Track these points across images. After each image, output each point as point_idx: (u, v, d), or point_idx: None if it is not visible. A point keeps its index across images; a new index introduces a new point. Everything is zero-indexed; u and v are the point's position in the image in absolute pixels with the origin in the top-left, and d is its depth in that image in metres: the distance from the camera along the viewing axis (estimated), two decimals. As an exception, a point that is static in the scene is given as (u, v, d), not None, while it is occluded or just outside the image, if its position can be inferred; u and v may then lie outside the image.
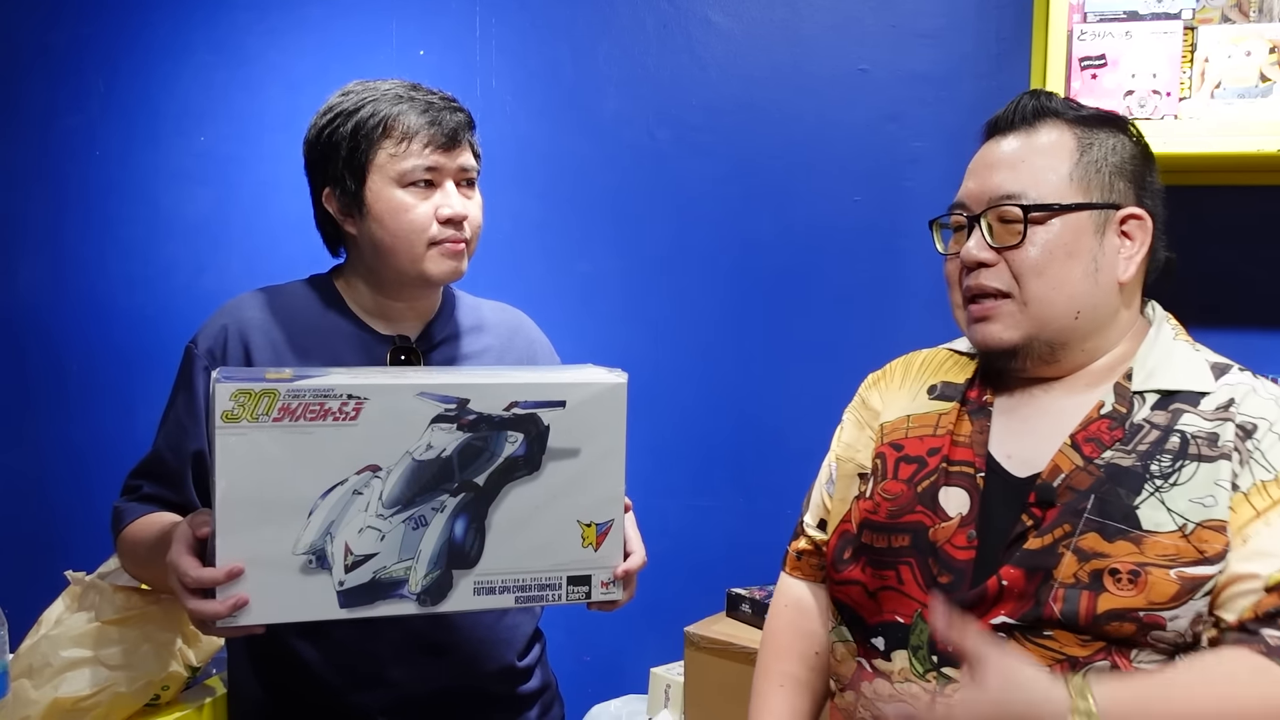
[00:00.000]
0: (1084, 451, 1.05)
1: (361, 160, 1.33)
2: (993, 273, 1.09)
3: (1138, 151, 1.14)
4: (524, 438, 1.09)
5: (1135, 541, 1.00)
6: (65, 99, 2.40)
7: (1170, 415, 1.05)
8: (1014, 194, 1.08)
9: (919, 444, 1.16)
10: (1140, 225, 1.10)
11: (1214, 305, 1.87)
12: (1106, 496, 1.02)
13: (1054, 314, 1.08)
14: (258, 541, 1.02)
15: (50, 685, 1.42)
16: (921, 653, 1.07)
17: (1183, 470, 1.01)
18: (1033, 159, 1.10)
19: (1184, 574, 0.98)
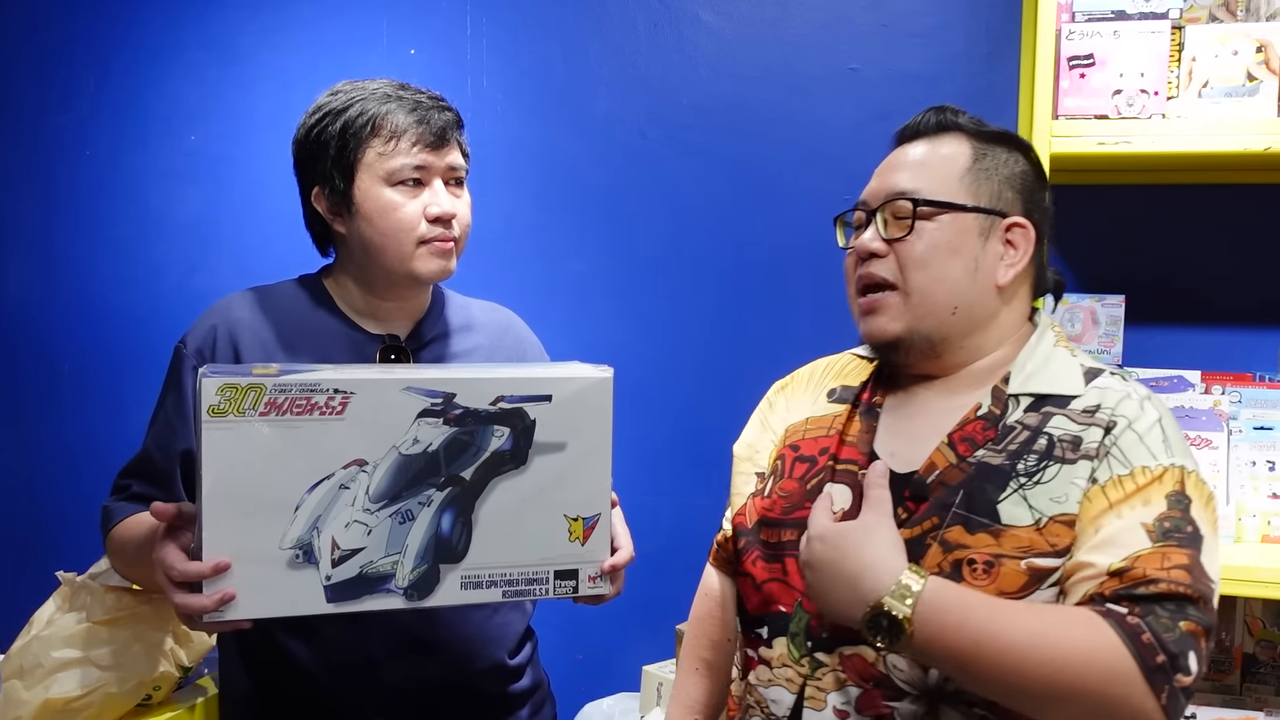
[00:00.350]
0: (958, 450, 1.10)
1: (350, 159, 1.33)
2: (882, 263, 1.15)
3: (1031, 171, 1.19)
4: (510, 432, 1.09)
5: (994, 535, 1.04)
6: (55, 98, 2.39)
7: (1041, 417, 1.09)
8: (908, 191, 1.14)
9: (813, 444, 1.22)
10: (1024, 235, 1.15)
11: (1201, 303, 1.88)
12: (974, 492, 1.07)
13: (933, 306, 1.13)
14: (244, 536, 1.02)
15: (41, 686, 1.42)
16: (799, 639, 1.12)
17: (1046, 470, 1.06)
18: (930, 162, 1.16)
19: (1033, 564, 1.02)
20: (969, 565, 1.04)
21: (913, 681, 1.06)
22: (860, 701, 1.07)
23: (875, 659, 1.07)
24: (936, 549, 1.06)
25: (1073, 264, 1.93)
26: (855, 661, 1.08)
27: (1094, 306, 1.79)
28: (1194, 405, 1.72)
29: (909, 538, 1.07)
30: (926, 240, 1.13)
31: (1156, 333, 1.89)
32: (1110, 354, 1.79)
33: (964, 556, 1.04)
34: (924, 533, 1.07)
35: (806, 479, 1.19)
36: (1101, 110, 1.62)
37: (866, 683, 1.07)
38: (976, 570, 1.03)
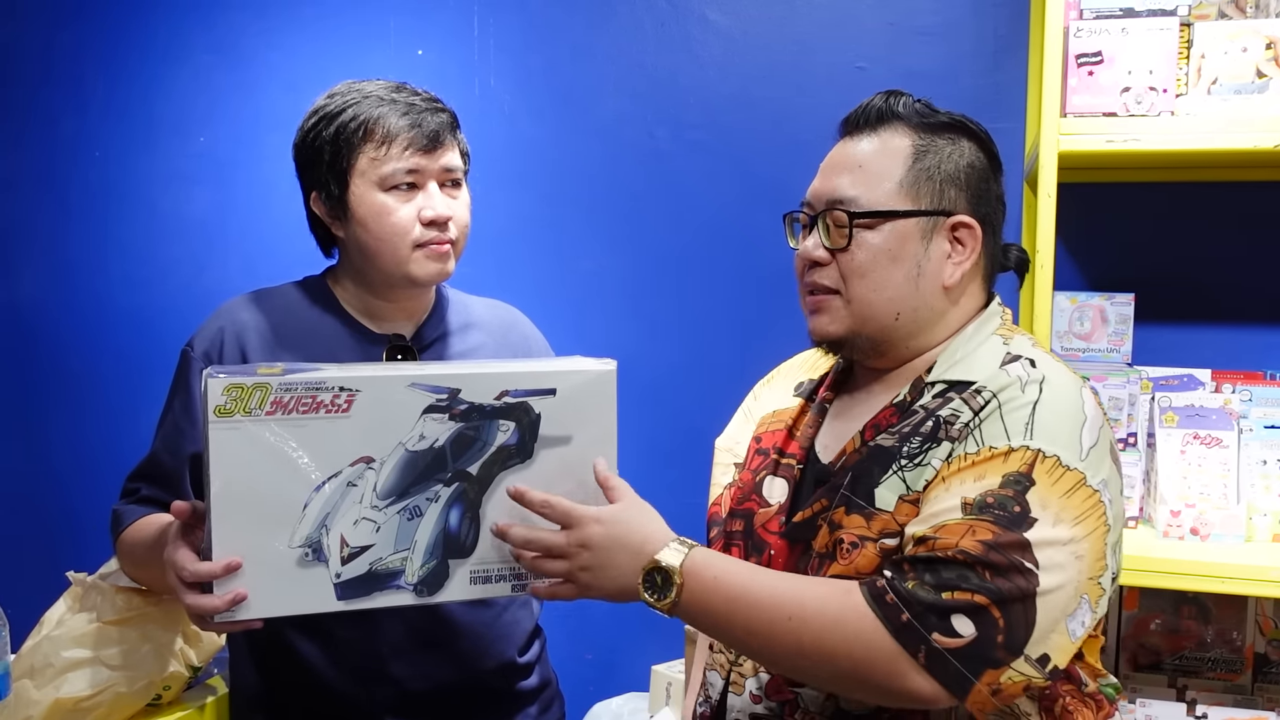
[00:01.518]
0: (865, 436, 1.13)
1: (343, 165, 1.33)
2: (824, 271, 1.15)
3: (978, 160, 1.16)
4: (515, 426, 1.09)
5: (867, 517, 1.06)
6: (65, 101, 2.40)
7: (941, 401, 1.10)
8: (846, 199, 1.13)
9: (771, 438, 1.25)
10: (970, 233, 1.13)
11: (1211, 301, 1.87)
12: (860, 475, 1.09)
13: (874, 314, 1.13)
14: (254, 535, 1.02)
15: (52, 686, 1.42)
16: None
17: (928, 452, 1.06)
18: (869, 164, 1.14)
19: (884, 545, 1.04)
20: (839, 545, 1.06)
21: None
22: (769, 687, 1.11)
23: None
24: (825, 529, 1.09)
25: (1081, 262, 1.93)
26: None
27: (1103, 305, 1.79)
28: (1204, 404, 1.71)
29: (802, 519, 1.11)
30: (865, 251, 1.12)
31: (1166, 331, 1.88)
32: (1120, 352, 1.78)
33: (839, 537, 1.07)
34: (815, 514, 1.11)
35: (757, 471, 1.23)
36: (1110, 108, 1.62)
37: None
38: (844, 550, 1.06)
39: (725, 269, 2.12)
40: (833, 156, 1.18)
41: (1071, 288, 1.90)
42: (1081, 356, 1.79)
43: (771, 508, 1.18)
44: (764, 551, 1.16)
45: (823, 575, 1.06)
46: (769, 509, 1.18)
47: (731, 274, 2.11)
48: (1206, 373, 1.75)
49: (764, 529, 1.17)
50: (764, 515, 1.18)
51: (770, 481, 1.20)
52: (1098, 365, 1.77)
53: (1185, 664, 1.77)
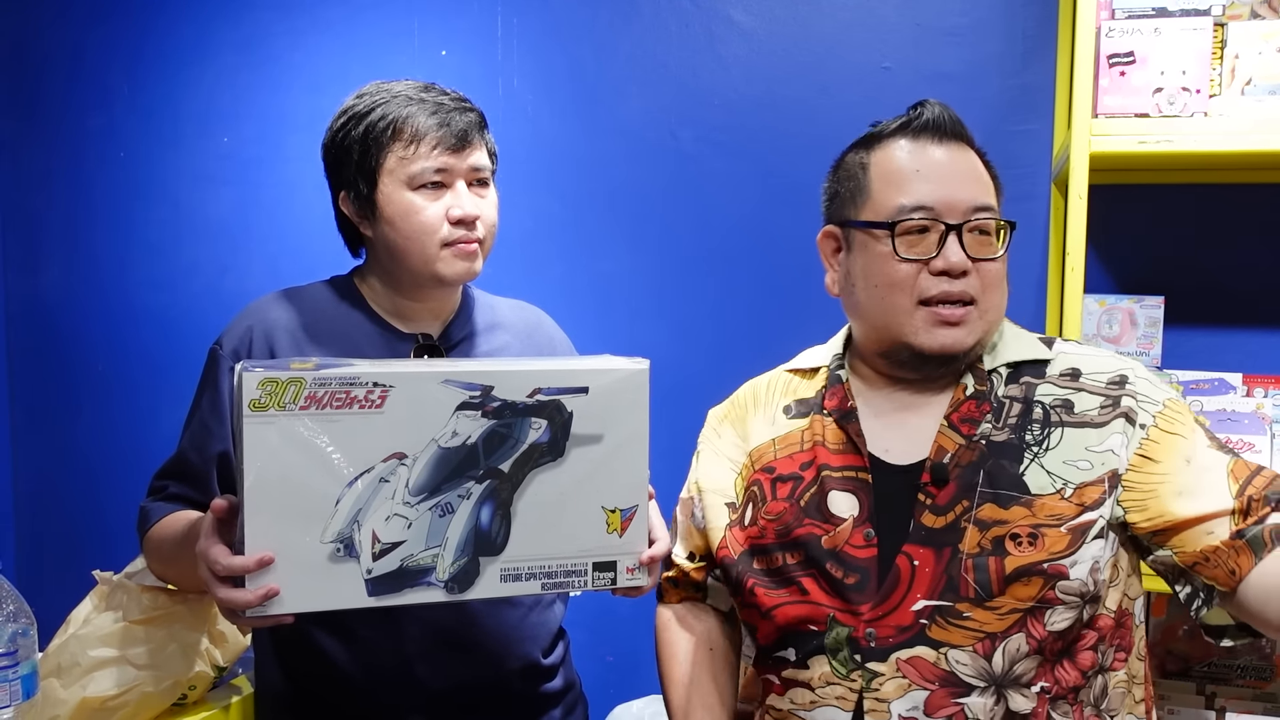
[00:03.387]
0: (962, 431, 1.13)
1: (372, 164, 1.33)
2: (969, 280, 1.13)
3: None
4: (548, 424, 1.08)
5: (1027, 505, 1.08)
6: (89, 101, 2.41)
7: (1024, 388, 1.15)
8: (989, 207, 1.14)
9: (790, 462, 1.21)
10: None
11: (1242, 304, 1.86)
12: (993, 470, 1.10)
13: (994, 322, 1.17)
14: (286, 530, 1.01)
15: (79, 685, 1.42)
16: (842, 655, 1.11)
17: (1051, 436, 1.11)
18: (983, 176, 1.17)
19: (1071, 525, 1.07)
20: (1012, 539, 1.07)
21: (979, 674, 1.06)
22: (929, 703, 1.06)
23: (937, 658, 1.06)
24: (973, 530, 1.08)
25: (1111, 265, 1.91)
26: (917, 664, 1.07)
27: (1132, 308, 1.77)
28: (1236, 408, 1.69)
29: (941, 525, 1.09)
30: (1003, 262, 1.15)
31: (1196, 334, 1.86)
32: (1149, 356, 1.76)
33: (1005, 532, 1.07)
34: (957, 517, 1.09)
35: (797, 496, 1.18)
36: (1142, 109, 1.61)
37: (932, 683, 1.06)
38: (1021, 542, 1.06)
39: (748, 270, 2.11)
40: (946, 164, 1.14)
41: (1100, 290, 1.89)
42: (1110, 359, 1.78)
43: (845, 524, 1.13)
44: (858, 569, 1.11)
45: (994, 573, 1.06)
46: (843, 525, 1.13)
47: (755, 275, 2.11)
48: (1238, 376, 1.73)
49: (849, 545, 1.13)
50: (839, 535, 1.13)
51: (835, 497, 1.16)
52: (1127, 368, 1.75)
53: (1214, 671, 1.75)
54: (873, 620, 1.09)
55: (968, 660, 1.06)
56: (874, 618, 1.09)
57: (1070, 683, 1.07)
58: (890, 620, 1.08)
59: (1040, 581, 1.05)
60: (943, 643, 1.06)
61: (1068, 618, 1.06)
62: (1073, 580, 1.05)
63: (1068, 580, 1.05)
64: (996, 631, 1.06)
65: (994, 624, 1.06)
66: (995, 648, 1.06)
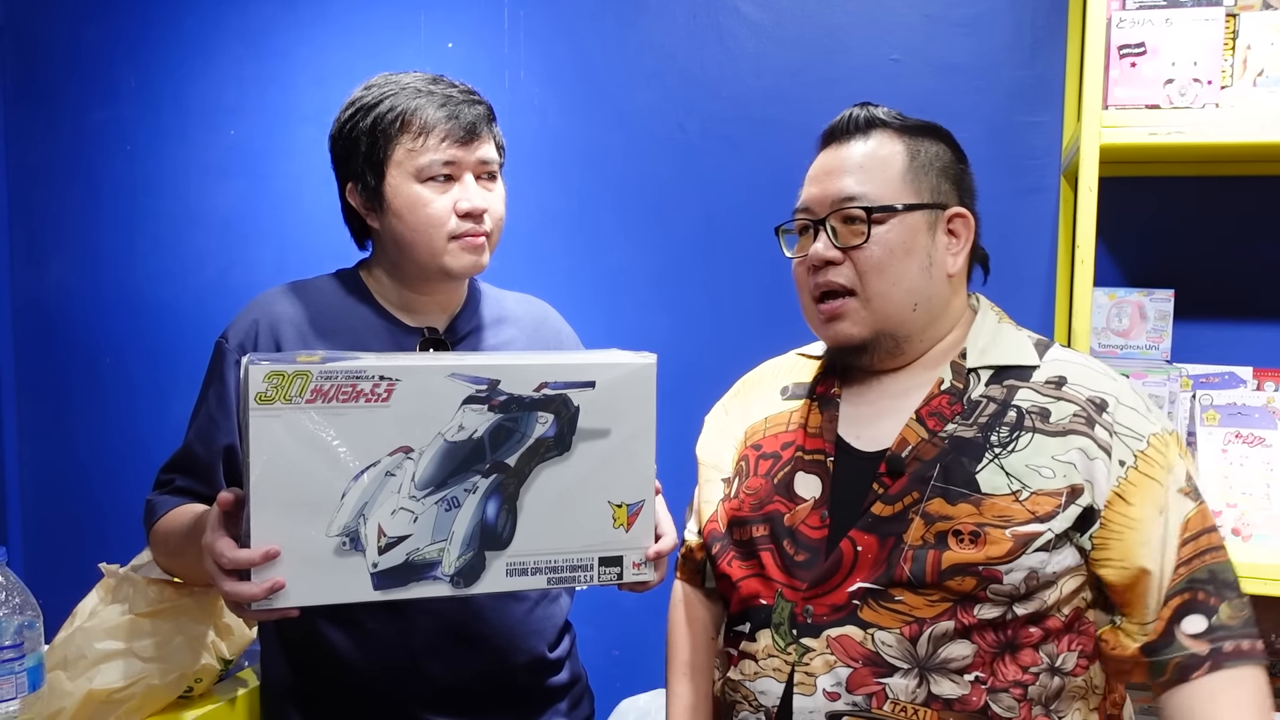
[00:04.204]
0: (928, 425, 1.14)
1: (380, 156, 1.33)
2: (839, 270, 1.16)
3: (955, 157, 1.22)
4: (554, 418, 1.08)
5: (975, 504, 1.08)
6: (96, 94, 2.41)
7: (1005, 390, 1.14)
8: (856, 196, 1.15)
9: (774, 440, 1.26)
10: (964, 223, 1.19)
11: (1253, 297, 1.84)
12: (951, 465, 1.11)
13: (894, 309, 1.16)
14: (292, 524, 1.01)
15: (85, 677, 1.42)
16: (783, 628, 1.15)
17: (1019, 439, 1.10)
18: (869, 164, 1.17)
19: (1017, 532, 1.06)
20: (954, 535, 1.08)
21: (902, 656, 1.08)
22: (851, 681, 1.10)
23: (864, 638, 1.10)
24: (919, 522, 1.09)
25: (1121, 257, 1.90)
26: (844, 642, 1.10)
27: (1142, 301, 1.76)
28: (1246, 402, 1.68)
29: (889, 514, 1.11)
30: (881, 245, 1.14)
31: (1207, 328, 1.85)
32: (1159, 349, 1.75)
33: (949, 528, 1.08)
34: (905, 508, 1.11)
35: (773, 474, 1.22)
36: (1153, 100, 1.59)
37: (856, 661, 1.10)
38: (963, 540, 1.07)
39: (756, 263, 2.10)
40: (824, 164, 1.21)
41: (1110, 283, 1.88)
42: (1120, 353, 1.76)
43: (806, 504, 1.17)
44: (810, 549, 1.15)
45: (930, 565, 1.07)
46: (804, 505, 1.17)
47: (762, 268, 2.10)
48: (1248, 370, 1.72)
49: (805, 525, 1.16)
50: (800, 513, 1.18)
51: (801, 478, 1.19)
52: (1136, 362, 1.74)
53: (1224, 666, 1.74)
54: (811, 598, 1.13)
55: (893, 642, 1.08)
56: (812, 596, 1.13)
57: (1011, 677, 1.07)
58: (827, 599, 1.12)
59: (974, 581, 1.06)
60: (871, 624, 1.09)
61: (996, 613, 1.07)
62: (1005, 585, 1.06)
63: (1000, 584, 1.06)
64: (925, 617, 1.08)
65: (923, 609, 1.08)
66: (922, 631, 1.08)
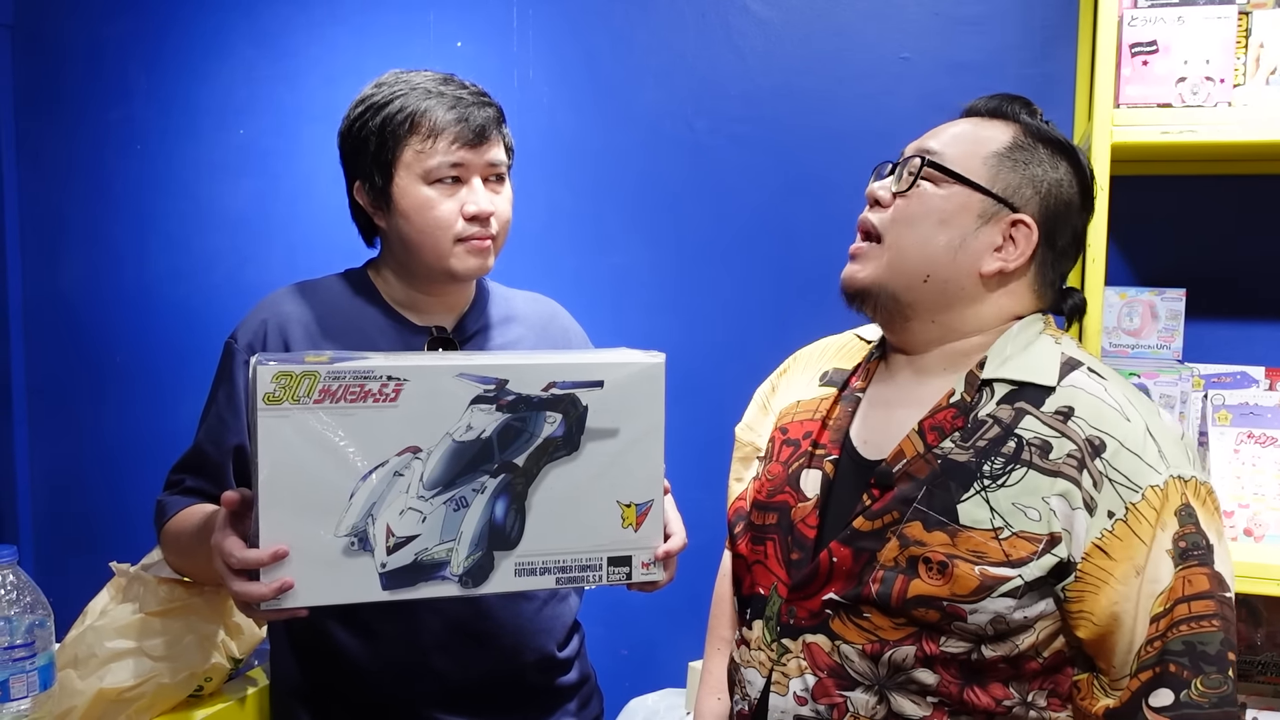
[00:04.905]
0: (927, 439, 1.10)
1: (388, 157, 1.33)
2: (879, 213, 1.14)
3: (1069, 188, 1.14)
4: (562, 418, 1.08)
5: (951, 535, 1.04)
6: (108, 94, 2.43)
7: (1013, 414, 1.07)
8: (933, 151, 1.13)
9: (799, 427, 1.23)
10: (1025, 235, 1.11)
11: (1265, 297, 1.84)
12: (936, 489, 1.07)
13: (905, 267, 1.12)
14: (300, 524, 1.01)
15: (95, 676, 1.43)
16: (771, 623, 1.15)
17: (1012, 473, 1.04)
18: (968, 134, 1.14)
19: (986, 572, 1.02)
20: (925, 563, 1.05)
21: (864, 673, 1.08)
22: (816, 689, 1.10)
23: (830, 649, 1.09)
24: (894, 543, 1.07)
25: (1132, 256, 1.89)
26: (814, 650, 1.10)
27: (1153, 300, 1.75)
28: (1258, 402, 1.67)
29: (868, 529, 1.09)
30: (921, 202, 1.11)
31: (1219, 327, 1.84)
32: (1170, 349, 1.75)
33: (920, 554, 1.05)
34: (884, 525, 1.08)
35: (789, 463, 1.21)
36: (1165, 99, 1.58)
37: (822, 671, 1.09)
38: (931, 569, 1.04)
39: (765, 262, 2.10)
40: (940, 126, 1.18)
41: (1121, 282, 1.87)
42: (1131, 353, 1.76)
43: (809, 501, 1.16)
44: (804, 549, 1.14)
45: (896, 591, 1.04)
46: (806, 503, 1.16)
47: (771, 267, 2.10)
48: (1260, 370, 1.71)
49: (803, 524, 1.16)
50: (802, 509, 1.16)
51: (806, 474, 1.18)
52: (1147, 362, 1.74)
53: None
54: (794, 600, 1.13)
55: (855, 657, 1.08)
56: (795, 598, 1.13)
57: (982, 706, 1.05)
58: (806, 604, 1.12)
59: (937, 615, 1.04)
60: (839, 635, 1.09)
61: (964, 647, 1.05)
62: (969, 624, 1.03)
63: (964, 622, 1.03)
64: (889, 639, 1.06)
65: (889, 631, 1.06)
66: (884, 651, 1.06)
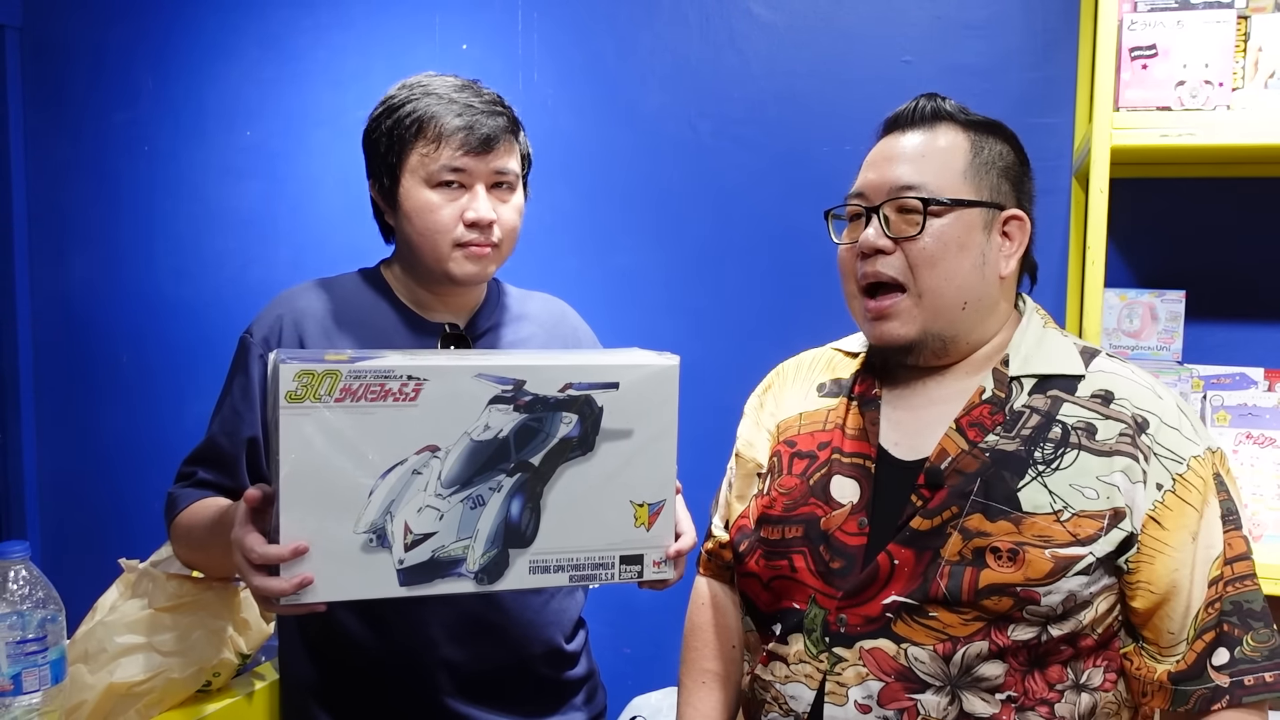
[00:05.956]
0: (968, 436, 1.11)
1: (395, 159, 1.35)
2: (888, 261, 1.13)
3: (1017, 159, 1.19)
4: (578, 419, 1.09)
5: (1015, 522, 1.06)
6: (115, 96, 2.44)
7: (1050, 401, 1.11)
8: (914, 186, 1.12)
9: (810, 439, 1.23)
10: (1020, 226, 1.16)
11: (1264, 299, 1.85)
12: (991, 480, 1.08)
13: (945, 305, 1.13)
14: (320, 520, 1.03)
15: (105, 670, 1.43)
16: (815, 635, 1.14)
17: (1064, 456, 1.08)
18: (932, 156, 1.14)
19: (1057, 554, 1.05)
20: (992, 553, 1.06)
21: (935, 673, 1.07)
22: (883, 695, 1.08)
23: (896, 652, 1.08)
24: (957, 537, 1.07)
25: (1132, 258, 1.91)
26: (877, 655, 1.09)
27: (1153, 302, 1.77)
28: (1257, 403, 1.69)
29: (927, 528, 1.09)
30: (936, 238, 1.11)
31: (1218, 329, 1.86)
32: (1170, 350, 1.76)
33: (986, 544, 1.06)
34: (944, 522, 1.09)
35: (808, 474, 1.20)
36: (1164, 102, 1.60)
37: (888, 676, 1.08)
38: (1001, 558, 1.05)
39: (767, 264, 2.11)
40: (884, 150, 1.17)
41: (1121, 284, 1.89)
42: (1131, 354, 1.77)
43: (843, 509, 1.15)
44: (847, 556, 1.13)
45: (967, 583, 1.06)
46: (841, 510, 1.15)
47: (773, 269, 2.11)
48: (1259, 371, 1.73)
49: (842, 531, 1.14)
50: (837, 518, 1.15)
51: (839, 482, 1.17)
52: (1147, 363, 1.75)
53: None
54: (845, 607, 1.11)
55: (926, 659, 1.07)
56: (846, 605, 1.11)
57: (1039, 694, 1.06)
58: (861, 610, 1.11)
59: (1010, 601, 1.05)
60: (905, 638, 1.08)
61: (1032, 631, 1.06)
62: (1042, 606, 1.05)
63: (1038, 605, 1.05)
64: (959, 635, 1.07)
65: (958, 628, 1.07)
66: (956, 650, 1.06)
